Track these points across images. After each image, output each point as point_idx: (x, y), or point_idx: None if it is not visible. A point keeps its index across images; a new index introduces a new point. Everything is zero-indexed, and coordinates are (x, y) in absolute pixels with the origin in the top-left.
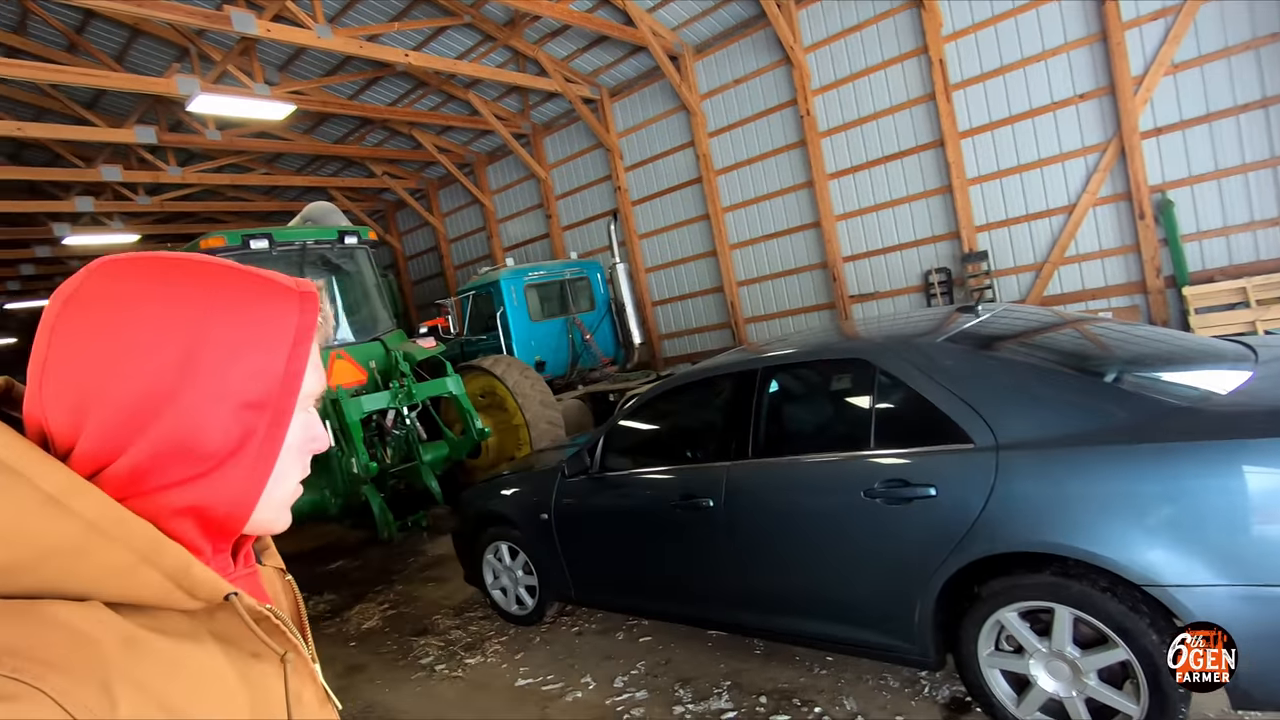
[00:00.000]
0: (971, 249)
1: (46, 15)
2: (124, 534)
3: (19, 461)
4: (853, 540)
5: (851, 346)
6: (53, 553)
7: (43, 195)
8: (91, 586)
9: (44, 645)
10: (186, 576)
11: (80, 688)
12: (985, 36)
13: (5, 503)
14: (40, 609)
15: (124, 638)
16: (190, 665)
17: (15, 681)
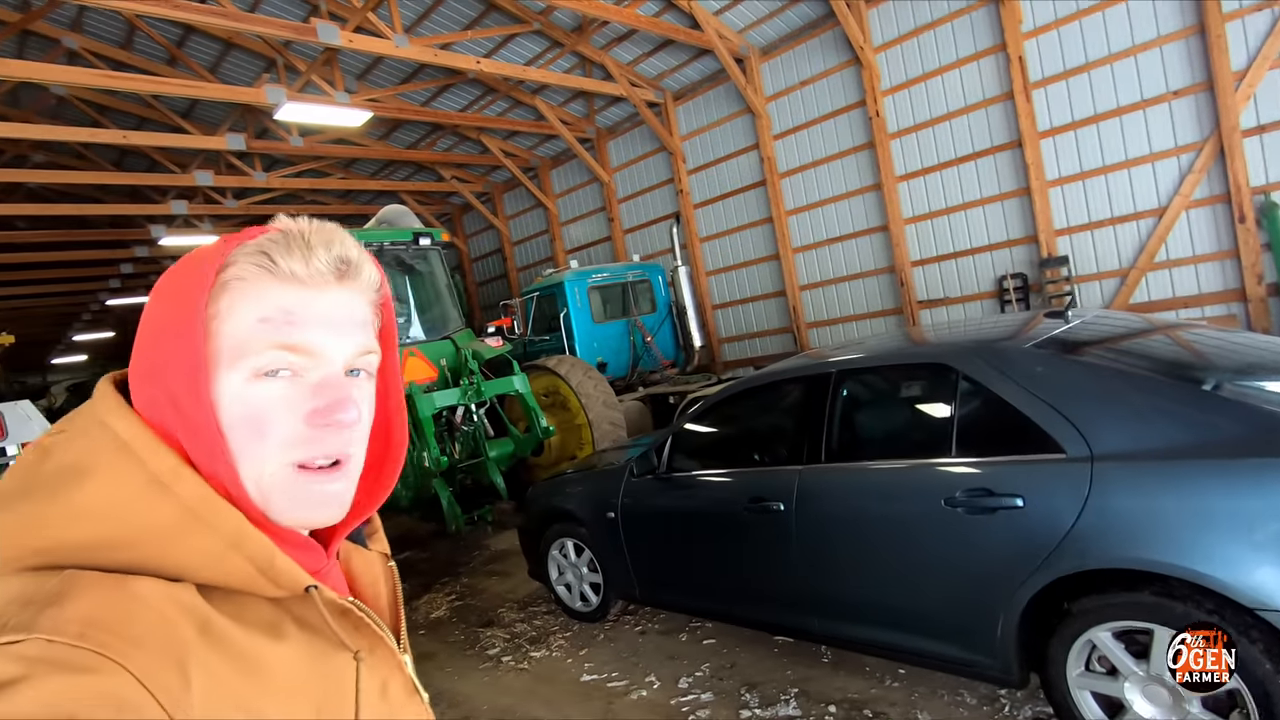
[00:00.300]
0: (1051, 254)
1: (150, 31)
2: (215, 520)
3: (135, 441)
4: (931, 549)
5: (932, 351)
6: (152, 532)
7: (142, 199)
8: (185, 568)
9: (129, 622)
10: (270, 566)
11: (159, 667)
12: (1069, 32)
13: (117, 480)
14: (132, 585)
15: (203, 623)
16: (261, 657)
17: (100, 656)
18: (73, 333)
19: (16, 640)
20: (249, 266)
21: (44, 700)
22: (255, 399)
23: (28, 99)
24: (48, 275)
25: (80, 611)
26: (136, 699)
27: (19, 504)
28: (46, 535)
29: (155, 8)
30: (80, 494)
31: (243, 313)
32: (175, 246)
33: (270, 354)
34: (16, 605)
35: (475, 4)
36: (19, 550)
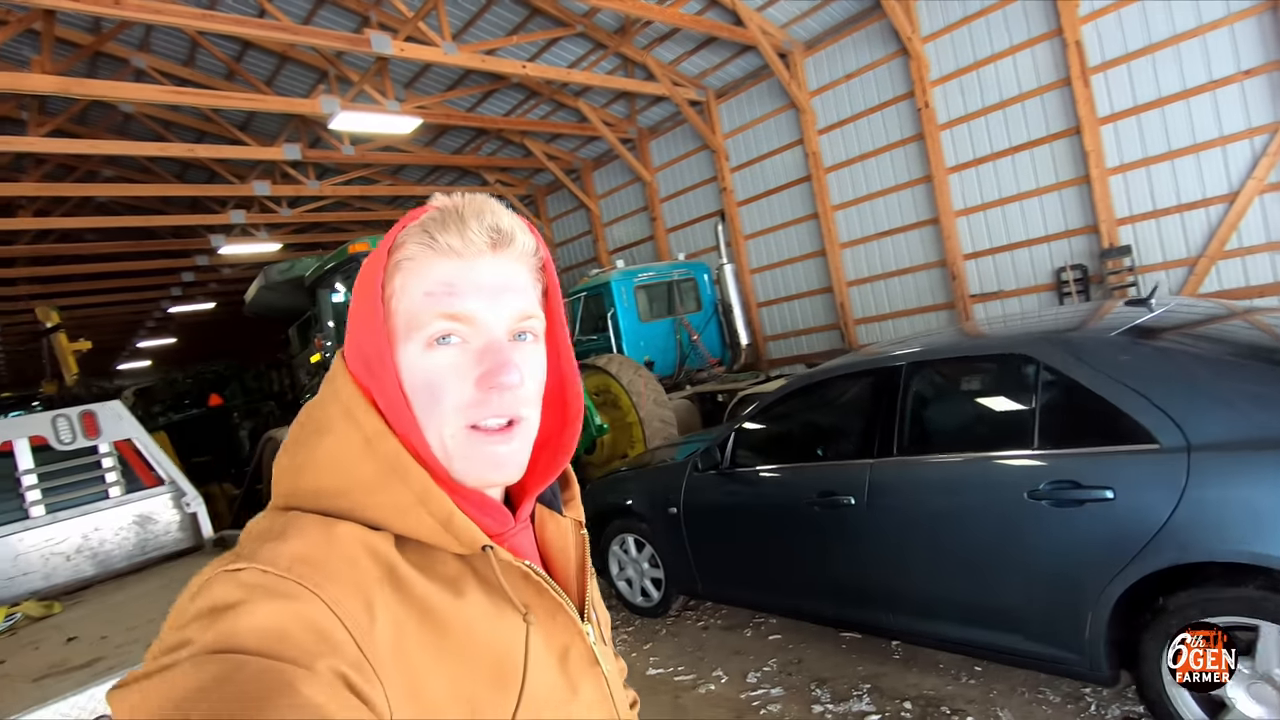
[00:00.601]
0: (1112, 244)
1: (211, 47)
2: (406, 477)
3: (355, 408)
4: (1014, 543)
5: (1011, 341)
6: (360, 484)
7: (203, 210)
8: (384, 518)
9: (329, 559)
10: (450, 523)
11: (349, 599)
12: (1130, 14)
13: (342, 439)
14: (336, 528)
15: (389, 568)
16: (439, 608)
17: (298, 584)
18: (137, 340)
19: (241, 568)
20: (414, 246)
21: (256, 620)
22: (430, 366)
23: (97, 117)
24: (114, 285)
25: (293, 548)
26: (328, 623)
27: (288, 453)
28: (294, 482)
29: (218, 24)
30: (319, 449)
31: (413, 289)
32: (233, 255)
33: (436, 324)
34: (254, 538)
35: (519, 9)
36: (279, 491)
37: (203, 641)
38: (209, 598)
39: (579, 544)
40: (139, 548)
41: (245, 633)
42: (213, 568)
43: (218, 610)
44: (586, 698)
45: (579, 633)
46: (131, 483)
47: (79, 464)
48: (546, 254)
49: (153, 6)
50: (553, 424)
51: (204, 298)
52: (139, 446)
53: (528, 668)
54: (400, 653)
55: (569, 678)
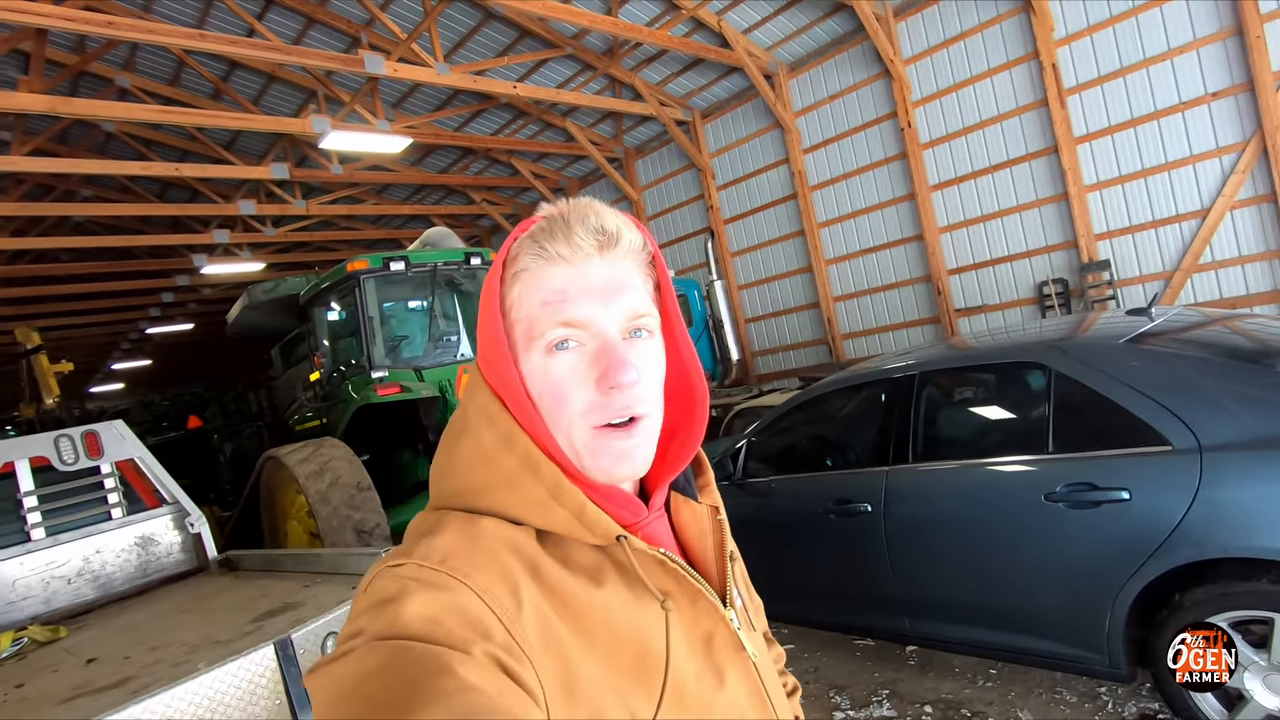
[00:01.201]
0: (1091, 258)
1: (198, 66)
2: (540, 473)
3: (489, 409)
4: (1032, 545)
5: (1023, 349)
6: (499, 482)
7: (184, 229)
8: (523, 513)
9: (475, 551)
10: (583, 515)
11: (495, 588)
12: (1102, 38)
13: (479, 439)
14: (480, 523)
15: (531, 560)
16: (580, 597)
17: (449, 576)
18: (112, 361)
19: (400, 564)
20: (527, 257)
21: (415, 609)
22: (552, 372)
23: (78, 136)
24: (91, 305)
25: (443, 543)
26: (478, 610)
27: (438, 458)
28: (442, 483)
29: (210, 44)
30: (458, 450)
31: (530, 298)
32: (216, 275)
33: (554, 331)
34: (412, 537)
35: (510, 31)
36: (433, 493)
37: (372, 630)
38: (375, 592)
39: (716, 529)
40: (140, 570)
41: (407, 621)
42: (378, 565)
43: (383, 602)
44: (734, 684)
45: (722, 619)
46: (134, 503)
47: (81, 485)
48: (655, 249)
49: (145, 26)
50: (679, 413)
51: (183, 318)
52: (142, 466)
53: (670, 655)
54: (548, 637)
55: (714, 664)
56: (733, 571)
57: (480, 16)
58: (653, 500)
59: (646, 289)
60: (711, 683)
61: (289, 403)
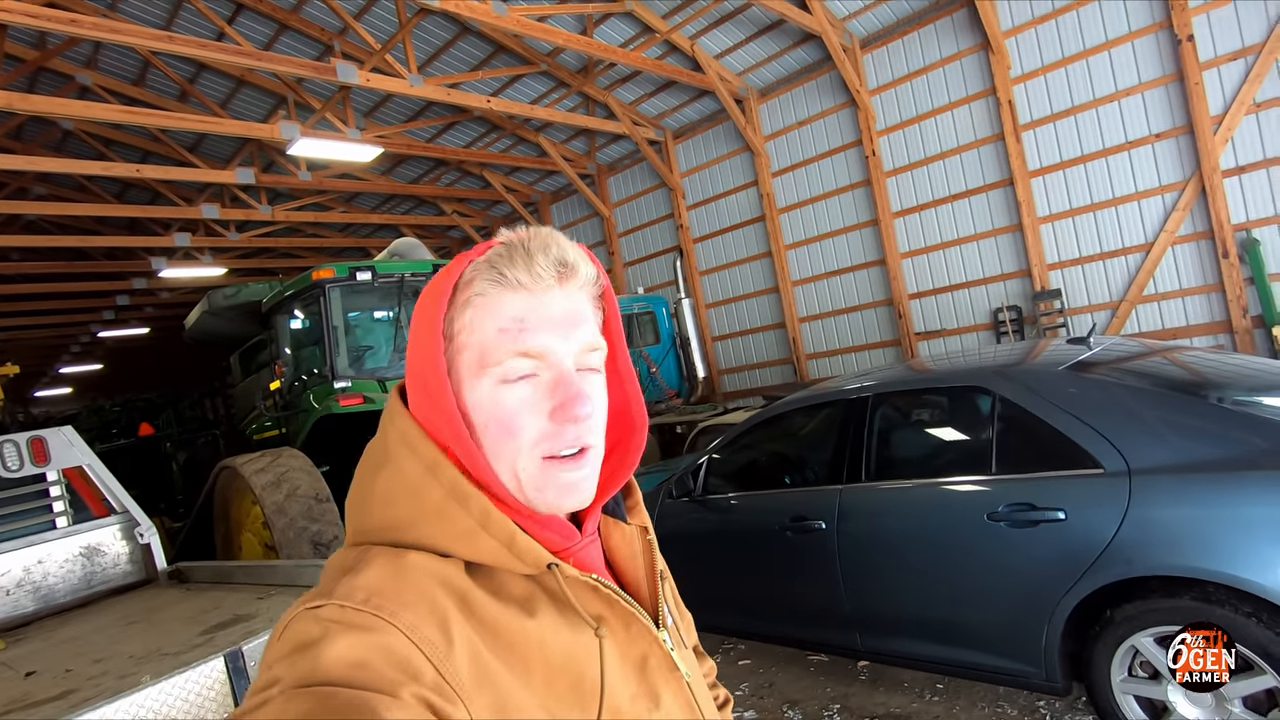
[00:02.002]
0: (1044, 287)
1: (164, 67)
2: (467, 503)
3: (411, 438)
4: (975, 563)
5: (969, 374)
6: (424, 514)
7: (142, 231)
8: (451, 546)
9: (402, 589)
10: (513, 544)
11: (424, 625)
12: (1055, 78)
13: (401, 469)
14: (407, 558)
15: (462, 594)
16: (514, 629)
17: (374, 616)
18: (60, 365)
19: (320, 605)
20: (483, 282)
21: (337, 653)
22: (504, 402)
23: (33, 133)
24: (40, 307)
25: (367, 581)
26: (405, 650)
27: (353, 491)
28: (361, 517)
29: (178, 47)
30: (379, 480)
31: (484, 325)
32: (175, 279)
33: (510, 362)
34: (331, 575)
35: (485, 45)
36: (350, 529)
37: (291, 677)
38: (293, 636)
39: (646, 550)
40: (85, 581)
41: (329, 666)
42: (295, 607)
43: (301, 647)
44: (668, 704)
45: (655, 640)
46: (80, 512)
47: (24, 492)
48: (606, 281)
49: (110, 26)
50: (617, 439)
51: (138, 322)
52: (90, 474)
53: (604, 681)
54: (481, 674)
55: (649, 686)
56: (664, 591)
57: (456, 30)
58: (586, 524)
59: (597, 321)
60: (647, 704)
61: (247, 411)
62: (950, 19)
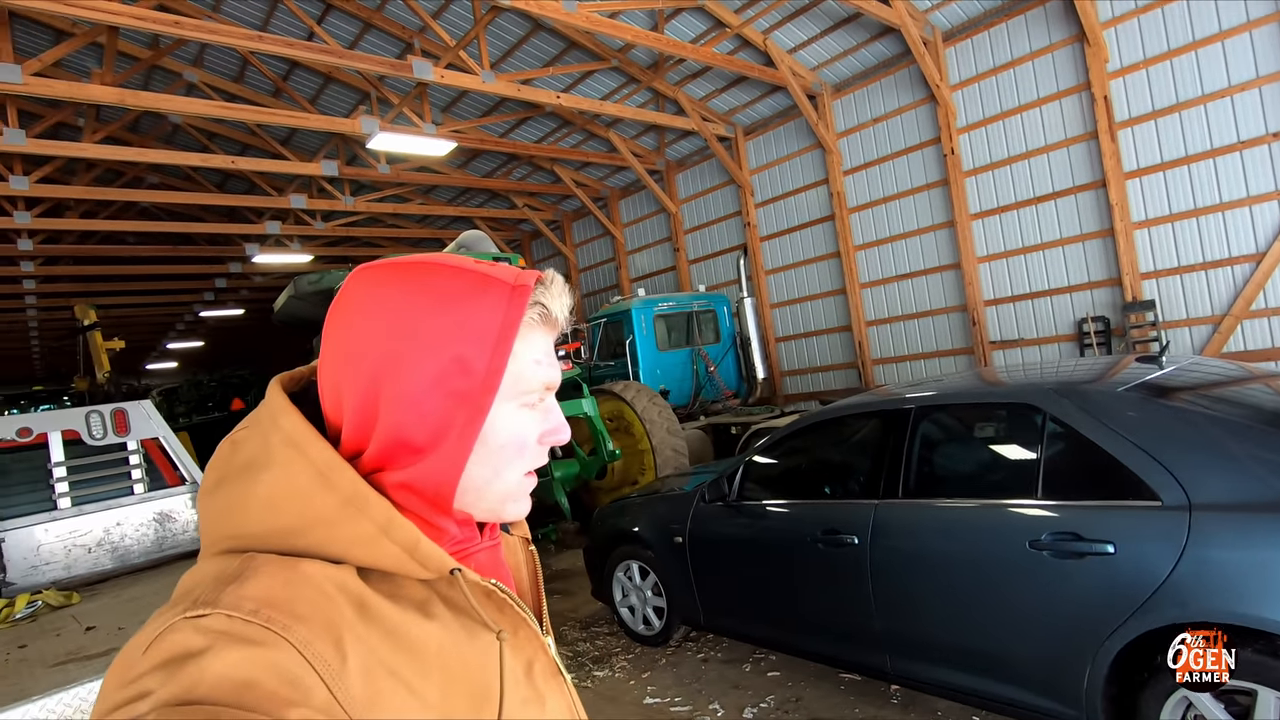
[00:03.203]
0: (1136, 297)
1: (261, 66)
2: (368, 509)
3: (301, 439)
4: (1014, 592)
5: (1018, 391)
6: (318, 520)
7: (239, 219)
8: (346, 552)
9: (295, 600)
10: (416, 550)
11: (318, 640)
12: (1159, 72)
13: (288, 473)
14: (301, 567)
15: (359, 602)
16: (413, 634)
17: (266, 630)
18: (167, 341)
19: (203, 614)
20: (532, 315)
21: (223, 668)
22: (524, 425)
23: (147, 126)
24: (151, 287)
25: (255, 590)
26: (297, 668)
27: (217, 492)
28: (236, 522)
29: (269, 46)
30: (260, 485)
31: (524, 354)
32: (266, 264)
33: (539, 389)
34: (208, 583)
35: (557, 42)
36: (217, 535)
37: (164, 694)
38: (168, 647)
39: (529, 560)
40: (157, 544)
41: (211, 682)
42: (162, 619)
43: (179, 659)
44: (554, 708)
45: (542, 645)
46: (155, 480)
47: (108, 459)
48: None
49: (209, 27)
50: None
51: (234, 304)
52: (165, 445)
53: (504, 684)
54: (373, 690)
55: (536, 689)
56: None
57: (529, 27)
58: (486, 528)
59: None
60: (535, 709)
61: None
62: (1043, 9)
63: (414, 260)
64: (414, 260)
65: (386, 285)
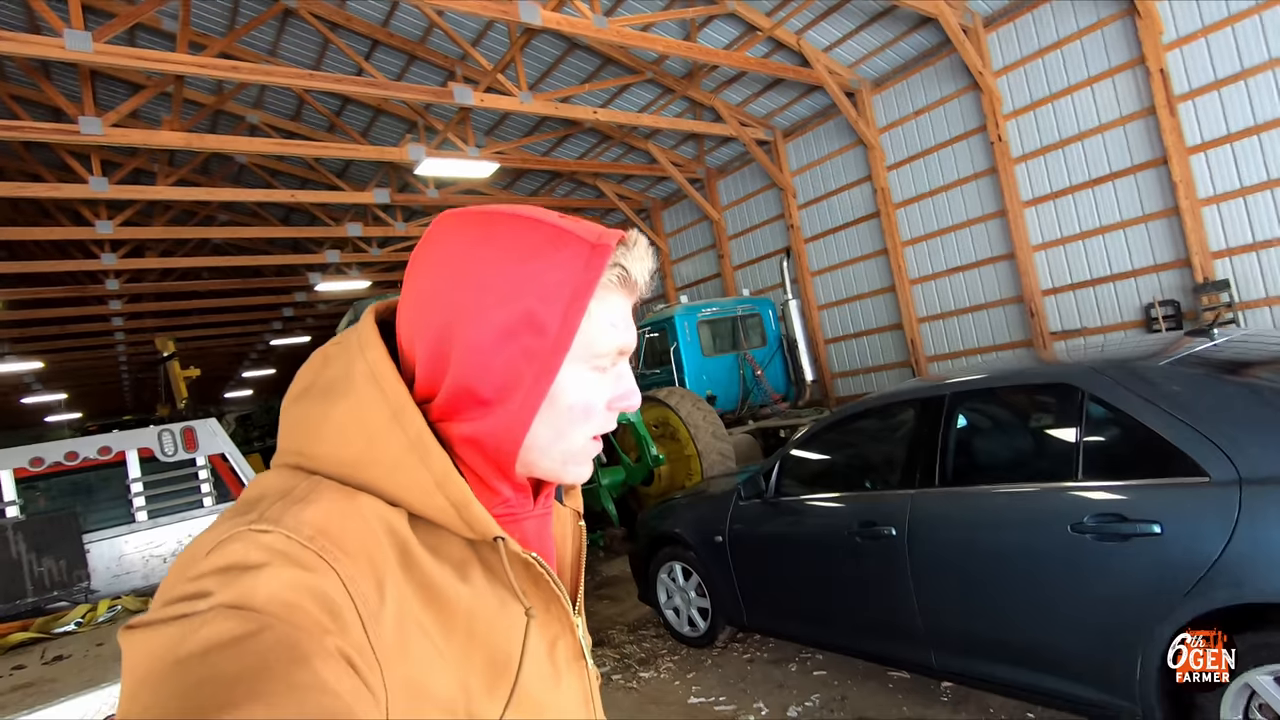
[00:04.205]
0: (1207, 278)
1: (315, 104)
2: (428, 459)
3: (381, 375)
4: (1057, 579)
5: (1054, 371)
6: (381, 459)
7: (302, 250)
8: (402, 496)
9: (347, 533)
10: (466, 509)
11: (362, 578)
12: (1220, 39)
13: (365, 406)
14: (359, 501)
15: (403, 547)
16: (446, 591)
17: (318, 557)
18: (242, 370)
19: (266, 530)
20: (610, 276)
21: (276, 586)
22: (592, 387)
23: (216, 167)
24: (225, 319)
25: (315, 517)
26: (339, 599)
27: (300, 403)
28: (308, 440)
29: (321, 83)
30: (337, 410)
31: (600, 316)
32: (328, 292)
33: (612, 354)
34: (274, 498)
35: (592, 59)
36: (290, 447)
37: (223, 596)
38: (230, 554)
39: (576, 535)
40: None
41: (265, 596)
42: (229, 524)
43: (238, 568)
44: (568, 689)
45: (570, 626)
46: (222, 493)
47: (179, 475)
48: None
49: (265, 70)
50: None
51: (301, 331)
52: (230, 460)
53: (524, 660)
54: (402, 639)
55: (555, 668)
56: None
57: (564, 47)
58: (541, 495)
59: None
60: (549, 684)
61: None
62: None
63: (496, 210)
64: (496, 210)
65: (464, 233)
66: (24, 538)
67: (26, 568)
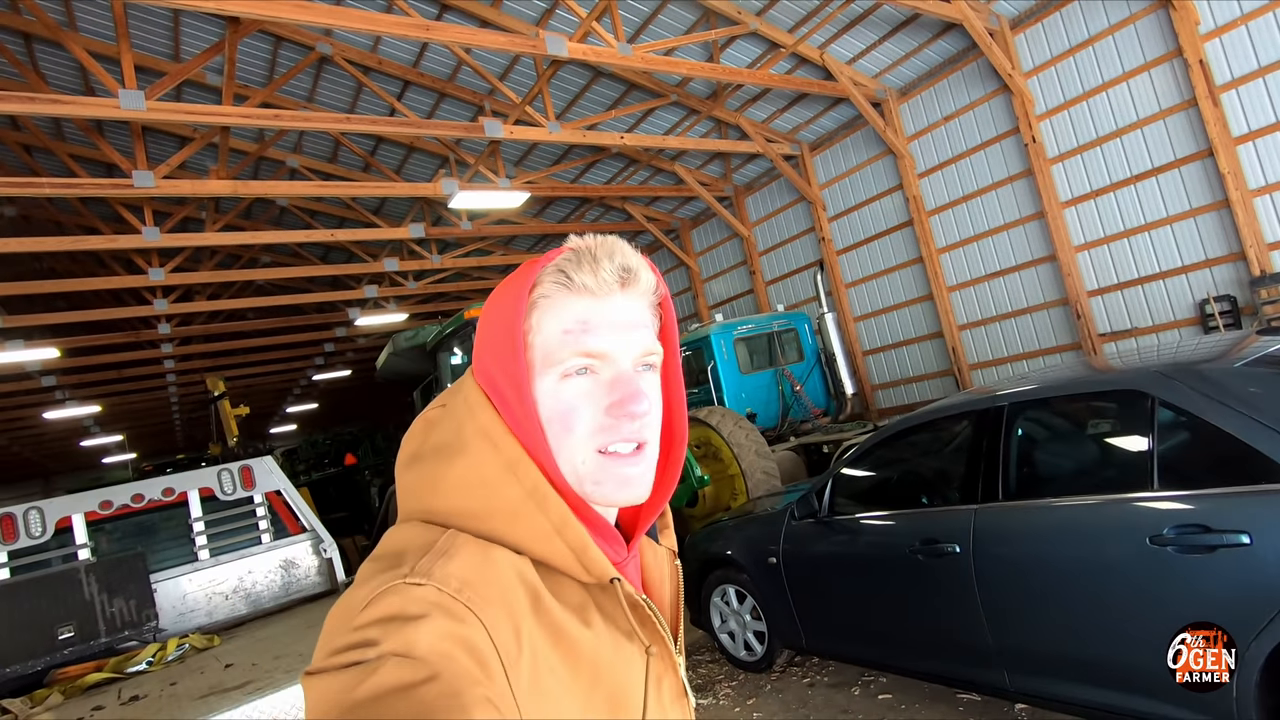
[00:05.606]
0: (1264, 270)
1: (351, 145)
2: (546, 506)
3: (493, 432)
4: (1138, 594)
5: (1121, 378)
6: (503, 508)
7: (341, 286)
8: (524, 544)
9: (489, 583)
10: (584, 553)
11: (503, 627)
12: (1261, 25)
13: (481, 461)
14: (493, 552)
15: (535, 594)
16: (572, 635)
17: (466, 608)
18: (287, 405)
19: (420, 584)
20: (549, 285)
21: (434, 637)
22: (564, 396)
23: (259, 211)
24: (270, 356)
25: (460, 569)
26: (485, 648)
27: (415, 466)
28: (430, 497)
29: (357, 125)
30: (454, 469)
31: (549, 326)
32: (367, 326)
33: (573, 360)
34: (417, 550)
35: (617, 85)
36: (414, 506)
37: (390, 645)
38: (389, 606)
39: (674, 574)
40: (284, 589)
41: (427, 647)
42: (381, 578)
43: (400, 619)
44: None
45: (674, 665)
46: (279, 530)
47: (238, 513)
48: (665, 290)
49: (303, 116)
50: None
51: (342, 366)
52: (286, 497)
53: (648, 699)
54: (537, 682)
55: (662, 707)
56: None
57: (589, 75)
58: (633, 540)
59: (654, 328)
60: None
61: None
62: None
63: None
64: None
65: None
66: (96, 579)
67: (99, 608)
